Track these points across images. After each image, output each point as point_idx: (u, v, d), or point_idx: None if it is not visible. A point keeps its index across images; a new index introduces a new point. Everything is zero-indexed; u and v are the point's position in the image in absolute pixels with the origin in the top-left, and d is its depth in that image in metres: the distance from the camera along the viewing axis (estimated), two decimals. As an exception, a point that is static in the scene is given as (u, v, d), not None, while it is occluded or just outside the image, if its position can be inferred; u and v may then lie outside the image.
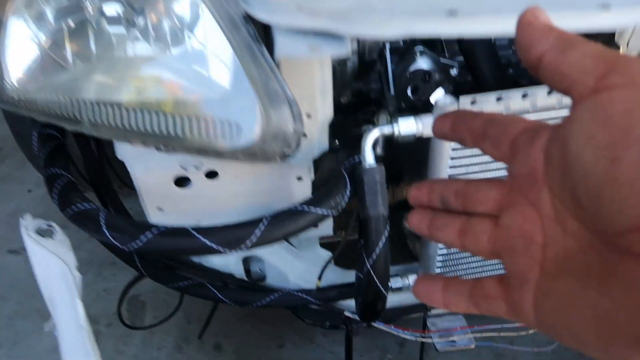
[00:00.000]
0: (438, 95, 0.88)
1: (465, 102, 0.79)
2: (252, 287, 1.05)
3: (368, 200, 0.77)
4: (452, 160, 0.84)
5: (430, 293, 0.42)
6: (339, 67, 0.96)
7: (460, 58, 1.04)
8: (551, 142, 0.33)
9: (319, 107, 0.80)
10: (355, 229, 0.88)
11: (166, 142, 0.67)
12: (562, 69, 0.31)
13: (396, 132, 0.79)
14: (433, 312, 1.12)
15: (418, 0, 0.63)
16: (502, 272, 0.38)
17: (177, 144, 0.67)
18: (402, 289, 1.05)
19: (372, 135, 0.79)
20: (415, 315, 1.11)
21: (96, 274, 1.59)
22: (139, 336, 1.44)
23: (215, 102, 0.67)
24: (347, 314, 1.06)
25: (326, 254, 1.06)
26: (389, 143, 1.18)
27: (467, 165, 0.84)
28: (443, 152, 0.82)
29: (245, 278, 1.06)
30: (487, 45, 1.15)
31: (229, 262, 1.05)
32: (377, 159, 0.89)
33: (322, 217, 0.77)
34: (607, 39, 0.82)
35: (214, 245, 0.73)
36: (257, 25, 0.69)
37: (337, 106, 1.07)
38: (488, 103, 0.78)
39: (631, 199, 0.26)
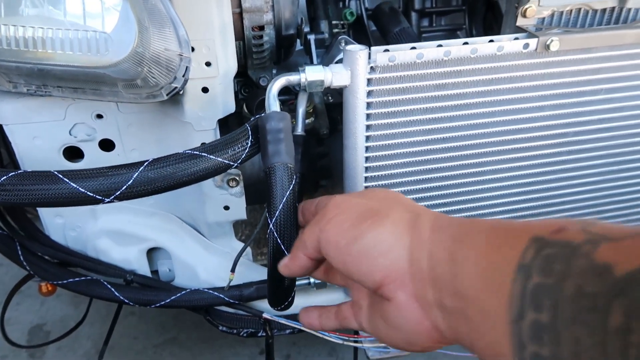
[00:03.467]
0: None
1: (378, 51, 0.74)
2: (155, 285, 0.92)
3: (270, 149, 0.68)
4: (367, 119, 0.77)
5: (311, 320, 0.64)
6: (255, 48, 0.91)
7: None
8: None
9: (219, 54, 0.73)
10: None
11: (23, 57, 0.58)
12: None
13: (303, 80, 0.72)
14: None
15: None
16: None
17: (40, 61, 0.59)
18: (326, 284, 0.93)
19: (279, 82, 0.72)
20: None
21: (-2, 304, 1.40)
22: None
23: (91, 23, 0.59)
24: (267, 316, 0.93)
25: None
26: (318, 138, 1.12)
27: (384, 121, 0.77)
28: (357, 106, 0.75)
29: (149, 274, 0.93)
30: (413, 40, 1.14)
31: (130, 256, 0.92)
32: (297, 137, 0.82)
33: (218, 167, 0.67)
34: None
35: (86, 192, 0.61)
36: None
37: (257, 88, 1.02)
38: (401, 52, 0.73)
39: (365, 274, 0.49)
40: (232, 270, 0.87)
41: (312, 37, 1.12)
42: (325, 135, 1.08)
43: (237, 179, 0.86)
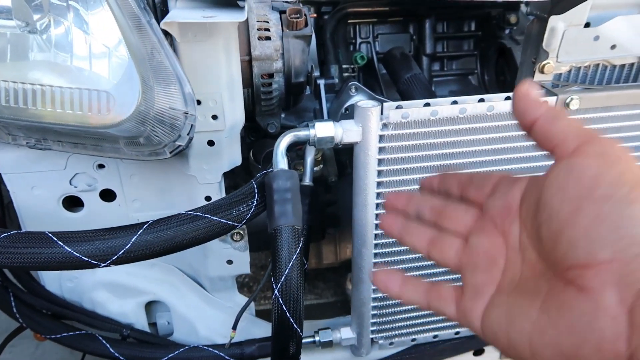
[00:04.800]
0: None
1: (390, 107, 0.71)
2: (153, 341, 0.87)
3: (277, 210, 0.65)
4: (379, 176, 0.74)
5: (388, 283, 0.49)
6: (264, 95, 0.89)
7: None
8: (529, 186, 0.42)
9: (226, 107, 0.71)
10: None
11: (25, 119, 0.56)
12: (549, 133, 0.39)
13: (312, 136, 0.70)
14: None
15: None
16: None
17: (39, 119, 0.56)
18: (332, 343, 0.89)
19: (286, 139, 0.70)
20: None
21: (-10, 345, 1.35)
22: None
23: (91, 77, 0.57)
24: (267, 377, 0.88)
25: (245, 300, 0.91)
26: (326, 185, 1.09)
27: (394, 176, 0.74)
28: (368, 163, 0.72)
29: (147, 329, 0.89)
30: (425, 87, 1.12)
31: (127, 309, 0.88)
32: (305, 188, 0.79)
33: (220, 229, 0.64)
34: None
35: (80, 256, 0.58)
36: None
37: (265, 136, 1.00)
38: (415, 109, 0.71)
39: (583, 242, 0.34)
40: (234, 328, 0.83)
41: (321, 82, 1.10)
42: (333, 183, 1.05)
43: (242, 232, 0.83)
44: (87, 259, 0.57)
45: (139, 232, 0.58)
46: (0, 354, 0.93)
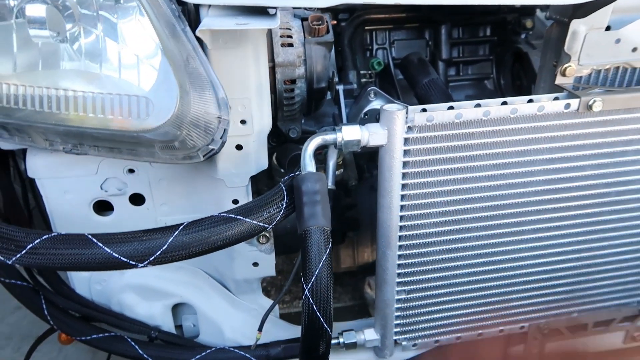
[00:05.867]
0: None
1: (415, 110, 0.73)
2: (179, 342, 0.89)
3: (306, 211, 0.66)
4: (403, 178, 0.75)
5: None
6: (286, 100, 0.91)
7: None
8: None
9: (254, 112, 0.73)
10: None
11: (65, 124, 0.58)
12: None
13: (339, 139, 0.71)
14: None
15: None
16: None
17: (77, 125, 0.58)
18: (356, 345, 0.90)
19: (314, 142, 0.71)
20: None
21: (15, 349, 1.38)
22: None
23: (120, 84, 0.59)
24: (293, 378, 0.89)
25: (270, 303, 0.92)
26: (345, 189, 1.11)
27: (419, 178, 0.75)
28: (393, 166, 0.74)
29: (174, 331, 0.90)
30: (442, 91, 1.13)
31: (154, 312, 0.89)
32: (329, 192, 0.81)
33: (253, 230, 0.65)
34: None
35: (119, 257, 0.60)
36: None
37: (285, 141, 1.01)
38: (439, 112, 0.72)
39: None
40: (260, 329, 0.84)
41: (340, 88, 1.12)
42: (353, 186, 1.07)
43: (268, 235, 0.84)
44: (125, 260, 0.59)
45: (175, 233, 0.60)
46: (30, 357, 0.94)
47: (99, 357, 1.44)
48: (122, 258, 0.59)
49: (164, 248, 0.59)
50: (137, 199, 0.82)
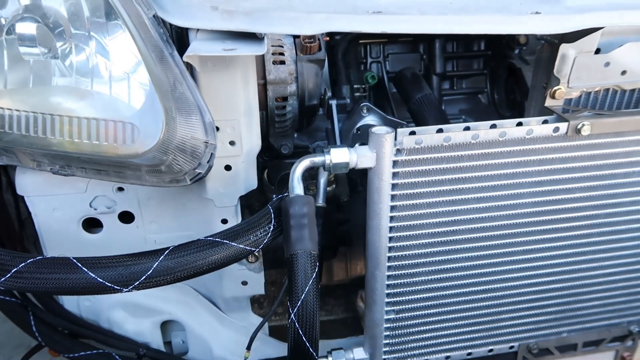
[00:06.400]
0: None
1: (404, 133, 0.73)
2: (168, 359, 0.89)
3: (293, 235, 0.66)
4: (392, 200, 0.75)
5: None
6: (278, 117, 0.90)
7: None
8: None
9: (243, 133, 0.73)
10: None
11: (51, 149, 0.57)
12: None
13: (327, 162, 0.71)
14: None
15: (339, 1, 0.59)
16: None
17: (63, 150, 0.58)
18: (346, 364, 0.89)
19: (302, 165, 0.71)
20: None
21: (6, 358, 1.37)
22: None
23: (111, 101, 0.59)
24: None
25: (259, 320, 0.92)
26: (337, 204, 1.10)
27: (408, 200, 0.75)
28: (382, 188, 0.74)
29: (163, 348, 0.90)
30: (435, 107, 1.13)
31: (143, 329, 0.89)
32: (318, 209, 0.81)
33: (239, 254, 0.65)
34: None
35: (104, 282, 0.60)
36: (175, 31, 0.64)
37: (277, 156, 1.01)
38: (428, 135, 0.72)
39: None
40: (248, 348, 0.84)
41: (333, 103, 1.12)
42: (345, 202, 1.06)
43: (257, 254, 0.84)
44: (110, 285, 0.59)
45: (160, 259, 0.60)
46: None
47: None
48: (106, 283, 0.58)
49: (148, 273, 0.59)
50: (126, 217, 0.82)
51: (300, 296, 0.64)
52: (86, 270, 0.59)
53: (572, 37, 0.74)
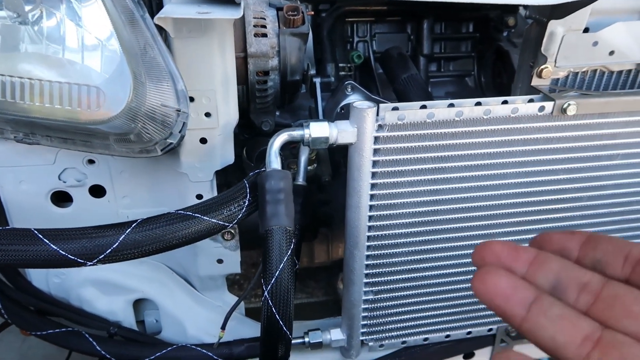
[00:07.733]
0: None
1: (387, 109, 0.70)
2: (140, 339, 0.86)
3: (269, 210, 0.64)
4: (372, 177, 0.73)
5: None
6: (259, 92, 0.88)
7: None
8: None
9: (220, 105, 0.70)
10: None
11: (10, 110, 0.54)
12: None
13: (307, 136, 0.69)
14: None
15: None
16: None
17: (27, 113, 0.55)
18: (322, 344, 0.88)
19: (280, 138, 0.69)
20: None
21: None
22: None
23: (82, 70, 0.56)
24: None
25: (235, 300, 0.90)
26: (319, 185, 1.08)
27: (388, 178, 0.73)
28: (363, 165, 0.71)
29: (135, 327, 0.88)
30: (421, 87, 1.11)
31: (115, 307, 0.87)
32: (298, 188, 0.78)
33: (211, 229, 0.63)
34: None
35: (66, 255, 0.57)
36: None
37: (258, 134, 0.98)
38: (411, 112, 0.70)
39: None
40: (223, 328, 0.82)
41: (317, 80, 1.09)
42: (327, 182, 1.04)
43: (233, 232, 0.81)
44: (73, 258, 0.56)
45: (127, 231, 0.57)
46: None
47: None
48: (69, 256, 0.56)
49: (114, 246, 0.57)
50: (97, 191, 0.79)
51: (275, 273, 0.62)
52: (48, 242, 0.56)
53: (561, 14, 0.72)
